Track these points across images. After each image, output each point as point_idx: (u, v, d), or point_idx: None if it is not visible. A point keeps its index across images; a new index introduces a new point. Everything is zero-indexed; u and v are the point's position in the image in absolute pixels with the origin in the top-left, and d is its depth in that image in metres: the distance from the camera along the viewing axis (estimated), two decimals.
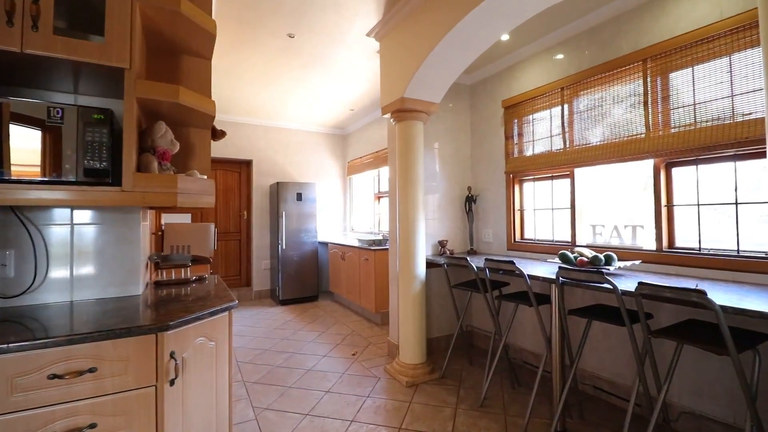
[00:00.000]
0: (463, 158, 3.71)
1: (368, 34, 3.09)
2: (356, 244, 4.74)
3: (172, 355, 1.33)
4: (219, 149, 5.55)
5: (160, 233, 2.63)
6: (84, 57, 1.33)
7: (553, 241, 3.02)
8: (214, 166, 5.76)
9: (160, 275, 2.12)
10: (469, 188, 3.60)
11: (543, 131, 3.07)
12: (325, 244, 5.89)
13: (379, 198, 5.67)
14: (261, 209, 5.85)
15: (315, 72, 3.90)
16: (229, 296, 1.72)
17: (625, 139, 2.47)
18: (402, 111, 2.86)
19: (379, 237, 4.76)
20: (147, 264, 2.07)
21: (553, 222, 3.04)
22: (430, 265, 3.19)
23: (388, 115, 3.03)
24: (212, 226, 3.25)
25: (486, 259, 2.42)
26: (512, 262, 2.23)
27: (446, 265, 2.88)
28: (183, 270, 2.16)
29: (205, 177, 1.74)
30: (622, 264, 2.19)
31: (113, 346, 1.24)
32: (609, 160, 2.56)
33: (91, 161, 1.41)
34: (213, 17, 2.84)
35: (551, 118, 3.00)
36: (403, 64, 2.75)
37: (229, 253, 5.87)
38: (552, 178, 3.05)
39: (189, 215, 5.39)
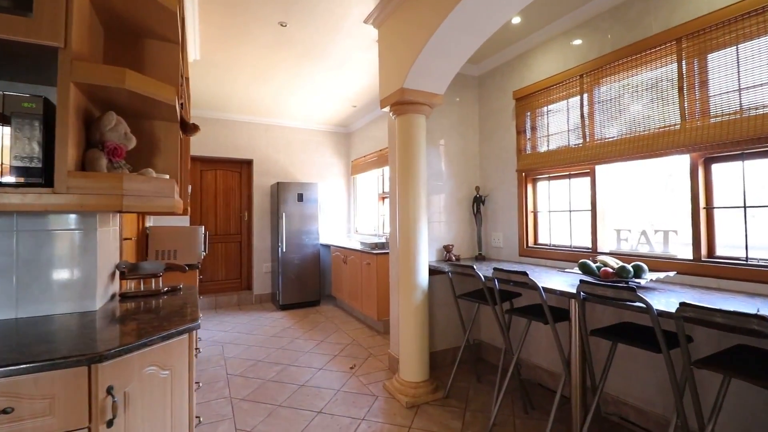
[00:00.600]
0: (471, 156, 3.43)
1: (366, 21, 2.84)
2: (358, 247, 4.49)
3: (109, 391, 1.10)
4: (218, 148, 5.38)
5: (132, 239, 2.42)
6: (6, 34, 1.11)
7: (571, 247, 2.72)
8: (214, 166, 5.58)
9: (128, 286, 1.90)
10: (478, 188, 3.32)
11: (559, 124, 2.77)
12: (327, 246, 5.66)
13: (383, 198, 5.41)
14: (262, 210, 5.65)
15: (312, 65, 3.66)
16: (194, 314, 1.49)
17: (656, 131, 2.17)
18: (402, 103, 2.60)
19: (382, 240, 4.50)
20: (114, 273, 1.86)
21: (571, 226, 2.74)
22: (434, 272, 2.92)
23: (387, 109, 2.78)
24: (201, 228, 3.04)
25: (495, 269, 2.15)
26: (525, 273, 1.95)
27: (450, 274, 2.61)
28: (154, 280, 1.94)
29: (167, 176, 1.51)
30: (654, 276, 1.89)
31: (34, 381, 1.02)
32: (636, 155, 2.25)
33: (19, 158, 1.19)
34: (195, 5, 2.64)
35: (568, 109, 2.71)
36: (403, 51, 2.49)
37: (229, 256, 5.69)
38: (569, 176, 2.75)
39: (187, 217, 5.23)
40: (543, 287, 1.93)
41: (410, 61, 2.40)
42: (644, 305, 1.49)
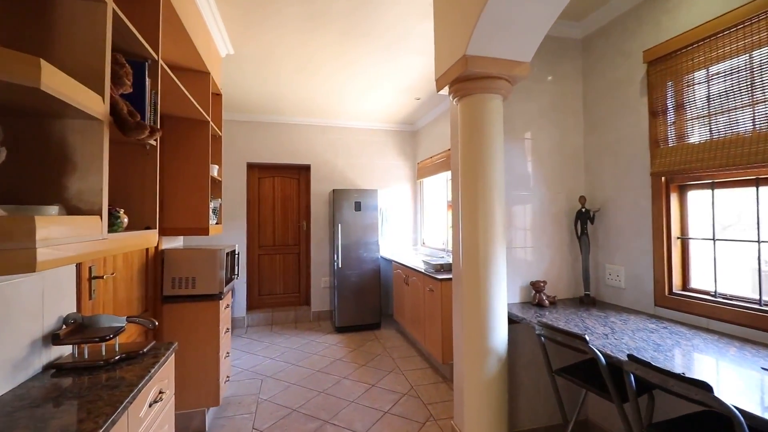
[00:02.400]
0: (572, 153, 2.44)
1: None
2: (420, 267, 3.71)
3: None
4: (275, 154, 5.04)
5: (105, 277, 1.96)
6: None
7: (760, 303, 1.61)
8: (272, 173, 5.24)
9: (74, 352, 1.39)
10: (583, 199, 2.32)
11: (733, 96, 1.69)
12: (389, 260, 4.98)
13: (452, 206, 4.54)
14: (321, 220, 5.18)
15: (359, 47, 2.99)
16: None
17: None
18: (466, 79, 1.77)
19: (450, 259, 3.66)
20: (54, 334, 1.37)
21: (761, 266, 1.63)
22: (515, 321, 2.03)
23: (445, 92, 1.97)
24: (221, 251, 2.55)
25: (630, 357, 1.21)
26: (707, 387, 1.00)
27: (543, 339, 1.70)
28: (104, 345, 1.41)
29: (55, 211, 0.92)
30: None
31: None
32: None
33: None
34: None
35: (750, 69, 1.61)
36: (465, 3, 1.67)
37: (288, 268, 5.33)
38: (757, 182, 1.65)
39: (245, 231, 4.95)
40: (738, 409, 0.97)
41: (476, 13, 1.56)
42: None
